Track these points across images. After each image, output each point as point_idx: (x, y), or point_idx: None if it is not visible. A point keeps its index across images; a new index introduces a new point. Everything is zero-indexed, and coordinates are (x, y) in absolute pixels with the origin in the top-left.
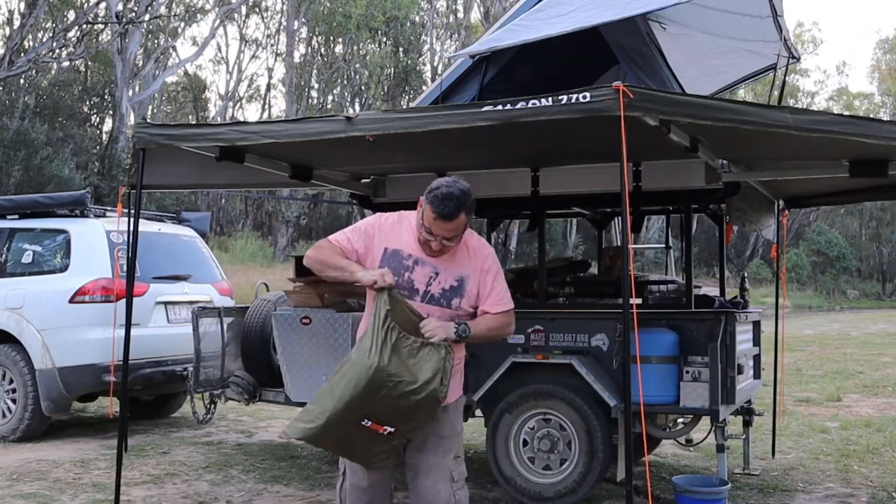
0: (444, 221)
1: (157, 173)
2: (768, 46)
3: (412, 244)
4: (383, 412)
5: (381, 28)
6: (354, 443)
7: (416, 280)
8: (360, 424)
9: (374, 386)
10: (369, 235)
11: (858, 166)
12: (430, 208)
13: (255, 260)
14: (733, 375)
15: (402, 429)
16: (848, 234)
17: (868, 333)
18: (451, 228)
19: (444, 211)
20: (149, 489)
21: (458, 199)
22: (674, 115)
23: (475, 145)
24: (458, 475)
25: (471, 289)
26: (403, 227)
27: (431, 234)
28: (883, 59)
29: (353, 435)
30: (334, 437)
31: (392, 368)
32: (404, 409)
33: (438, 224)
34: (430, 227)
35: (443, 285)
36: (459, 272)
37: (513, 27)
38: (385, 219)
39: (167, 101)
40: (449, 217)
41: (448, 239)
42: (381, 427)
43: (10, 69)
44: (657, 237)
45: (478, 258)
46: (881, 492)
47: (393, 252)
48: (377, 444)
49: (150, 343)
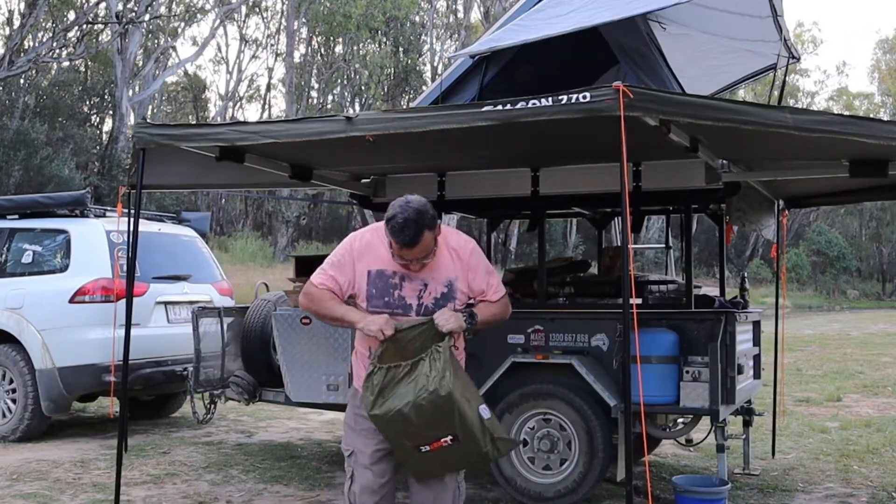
0: (409, 249)
1: (157, 173)
2: (768, 46)
3: (392, 261)
4: (424, 434)
5: (381, 28)
6: (442, 462)
7: (406, 296)
8: (423, 452)
9: (390, 427)
10: (347, 264)
11: (858, 166)
12: (392, 240)
13: (255, 260)
14: (733, 375)
15: (457, 428)
16: (848, 234)
17: (868, 333)
18: (420, 251)
19: (405, 240)
20: (149, 489)
21: (415, 222)
22: (674, 115)
23: (475, 145)
24: (459, 476)
25: (461, 289)
26: (379, 244)
27: (405, 258)
28: (883, 59)
29: (432, 460)
30: (420, 467)
31: (389, 405)
32: (436, 419)
33: (405, 252)
34: (399, 255)
35: (434, 295)
36: (447, 277)
37: (513, 27)
38: (358, 241)
39: (167, 101)
40: (412, 244)
41: (422, 258)
42: (440, 442)
43: (10, 69)
44: (657, 237)
45: (461, 258)
46: (881, 492)
47: (377, 273)
48: (457, 452)
49: (150, 343)
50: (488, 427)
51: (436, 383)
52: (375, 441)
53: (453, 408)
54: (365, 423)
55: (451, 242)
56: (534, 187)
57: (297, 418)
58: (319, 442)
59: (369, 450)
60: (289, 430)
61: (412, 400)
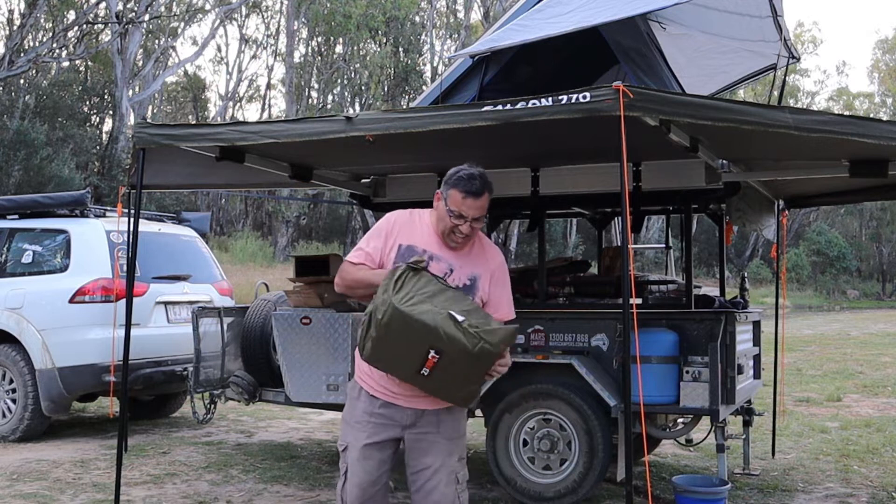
0: (474, 199)
1: (157, 173)
2: (768, 46)
3: (426, 239)
4: (410, 354)
5: (381, 28)
6: (453, 380)
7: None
8: (426, 376)
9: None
10: (384, 234)
11: (858, 166)
12: (455, 191)
13: (255, 260)
14: (733, 375)
15: (431, 340)
16: (848, 234)
17: (868, 333)
18: (480, 206)
19: (472, 188)
20: (149, 489)
21: (481, 176)
22: (674, 115)
23: (475, 145)
24: (461, 477)
25: (482, 289)
26: (416, 223)
27: (461, 216)
28: (882, 59)
29: (440, 381)
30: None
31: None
32: (404, 334)
33: (469, 203)
34: (458, 209)
35: (456, 283)
36: (473, 271)
37: (513, 27)
38: (398, 216)
39: (167, 101)
40: (478, 193)
41: (476, 220)
42: (430, 359)
43: (10, 69)
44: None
45: (492, 261)
46: (881, 492)
47: (407, 248)
48: (454, 363)
49: (150, 343)
50: (467, 327)
51: (386, 301)
52: (366, 433)
53: (409, 320)
54: (360, 416)
55: (484, 241)
56: (534, 187)
57: (297, 418)
58: (319, 442)
59: (360, 443)
60: (289, 430)
61: (379, 318)
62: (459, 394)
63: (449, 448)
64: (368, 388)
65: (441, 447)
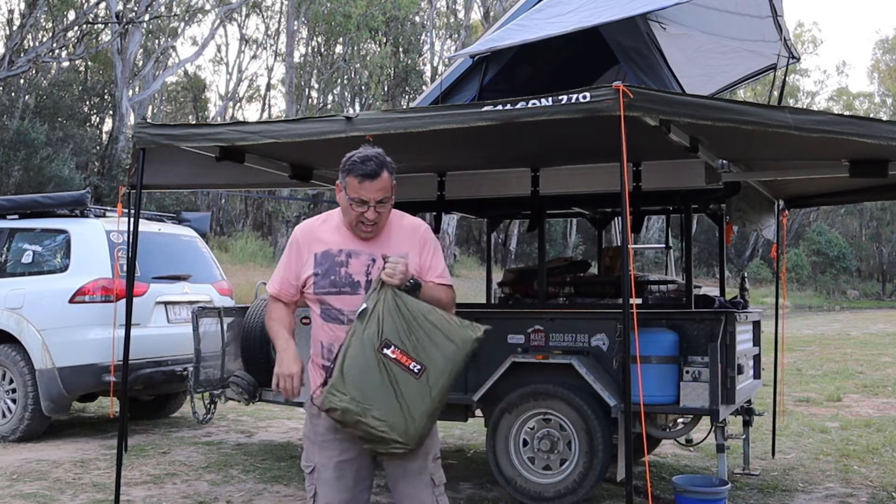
0: (371, 180)
1: (157, 173)
2: (768, 46)
3: (339, 239)
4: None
5: (381, 28)
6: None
7: (353, 273)
8: (384, 353)
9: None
10: (294, 249)
11: (858, 166)
12: (351, 178)
13: (255, 260)
14: (733, 375)
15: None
16: (848, 234)
17: (868, 333)
18: (380, 188)
19: (367, 170)
20: (149, 489)
21: (375, 157)
22: (674, 115)
23: (475, 145)
24: (438, 479)
25: (412, 267)
26: (324, 228)
27: (363, 201)
28: (883, 59)
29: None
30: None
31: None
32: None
33: (367, 186)
34: (358, 195)
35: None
36: (398, 252)
37: (513, 27)
38: (304, 226)
39: (167, 101)
40: (373, 174)
41: (381, 202)
42: (408, 361)
43: (10, 69)
44: (657, 237)
45: (415, 234)
46: (881, 492)
47: (323, 254)
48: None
49: (150, 343)
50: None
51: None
52: (338, 451)
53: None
54: (324, 433)
55: (404, 220)
56: (534, 187)
57: (297, 418)
58: None
59: (332, 462)
60: (289, 430)
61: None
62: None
63: (422, 451)
64: None
65: (414, 451)
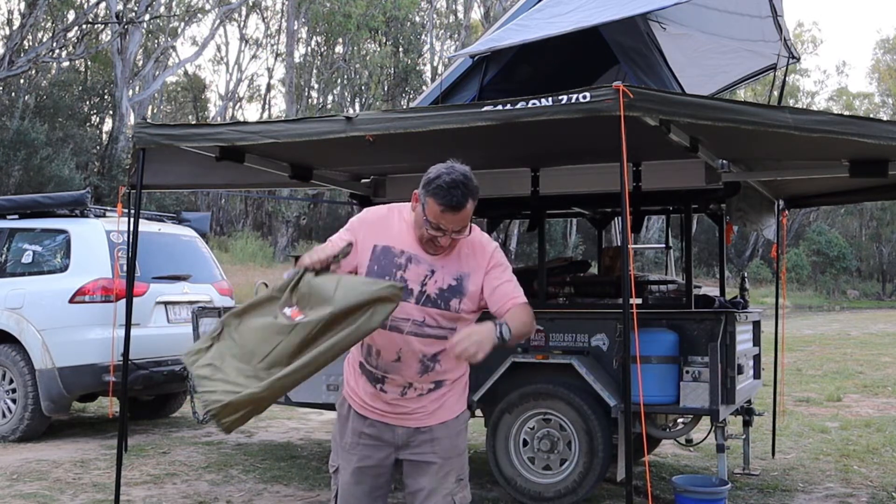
0: (453, 213)
1: (157, 173)
2: (768, 46)
3: (405, 239)
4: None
5: (381, 28)
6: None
7: (409, 279)
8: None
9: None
10: (358, 230)
11: (858, 166)
12: (433, 201)
13: (255, 260)
14: (733, 375)
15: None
16: (848, 234)
17: (868, 333)
18: (461, 219)
19: (452, 202)
20: (149, 489)
21: (463, 185)
22: (674, 115)
23: (475, 145)
24: (460, 500)
25: (472, 288)
26: (394, 221)
27: (439, 229)
28: (883, 59)
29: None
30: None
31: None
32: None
33: (447, 217)
34: (436, 221)
35: (439, 284)
36: (459, 270)
37: (513, 27)
38: (372, 213)
39: (167, 101)
40: (458, 207)
41: (457, 231)
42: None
43: (10, 69)
44: (657, 237)
45: (483, 254)
46: (881, 492)
47: (383, 249)
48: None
49: (150, 343)
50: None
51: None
52: (357, 457)
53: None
54: (350, 437)
55: (475, 237)
56: (534, 187)
57: (297, 418)
58: (319, 442)
59: (351, 466)
60: (289, 430)
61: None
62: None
63: (445, 469)
64: (356, 406)
65: (437, 468)
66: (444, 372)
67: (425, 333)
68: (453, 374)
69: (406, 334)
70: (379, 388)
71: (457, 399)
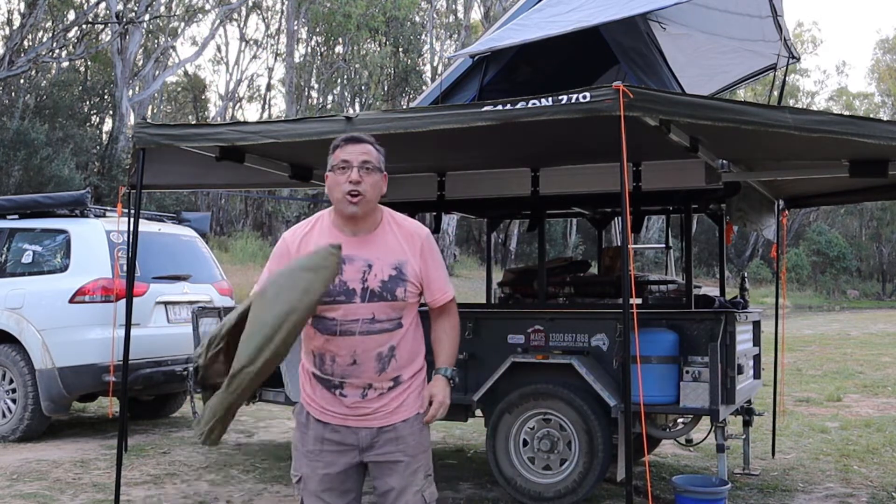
0: (354, 144)
1: (157, 173)
2: (768, 46)
3: (331, 240)
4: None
5: (381, 28)
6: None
7: (348, 280)
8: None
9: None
10: (287, 256)
11: (858, 166)
12: (335, 151)
13: (255, 260)
14: (733, 375)
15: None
16: (848, 234)
17: (868, 333)
18: (363, 151)
19: (349, 137)
20: (149, 489)
21: (360, 134)
22: (674, 115)
23: (475, 145)
24: (429, 496)
25: (412, 273)
26: (315, 228)
27: (346, 162)
28: (883, 59)
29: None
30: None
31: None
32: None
33: (349, 148)
34: (340, 159)
35: (381, 277)
36: (396, 259)
37: (513, 27)
38: (293, 231)
39: (167, 101)
40: (356, 140)
41: (365, 166)
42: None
43: (10, 69)
44: (657, 237)
45: (414, 241)
46: (881, 492)
47: None
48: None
49: (150, 343)
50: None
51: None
52: (323, 463)
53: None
54: (312, 444)
55: (403, 223)
56: (534, 187)
57: None
58: None
59: (317, 474)
60: (289, 430)
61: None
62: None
63: (413, 466)
64: (315, 413)
65: (404, 466)
66: (402, 367)
67: (378, 329)
68: (410, 369)
69: (359, 335)
70: (338, 393)
71: (416, 397)
